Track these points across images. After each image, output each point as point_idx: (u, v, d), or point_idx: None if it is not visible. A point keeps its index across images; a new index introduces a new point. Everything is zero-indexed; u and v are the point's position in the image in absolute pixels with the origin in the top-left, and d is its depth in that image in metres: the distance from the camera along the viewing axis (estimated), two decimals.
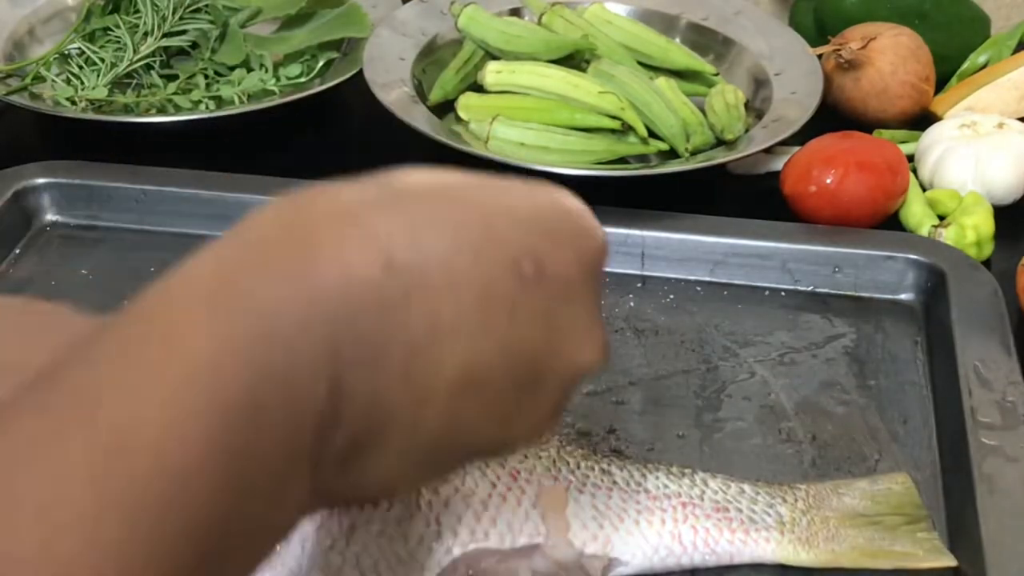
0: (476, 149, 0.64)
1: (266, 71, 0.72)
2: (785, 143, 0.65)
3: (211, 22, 0.73)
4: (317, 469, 0.25)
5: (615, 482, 0.43)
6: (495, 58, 0.71)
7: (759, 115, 0.69)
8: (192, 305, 0.24)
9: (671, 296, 0.58)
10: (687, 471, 0.45)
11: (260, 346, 0.24)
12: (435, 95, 0.70)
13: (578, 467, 0.43)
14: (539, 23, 0.73)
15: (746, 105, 0.70)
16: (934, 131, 0.68)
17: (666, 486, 0.44)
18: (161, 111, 0.69)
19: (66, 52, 0.72)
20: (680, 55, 0.73)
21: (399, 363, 0.25)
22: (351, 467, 0.27)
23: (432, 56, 0.73)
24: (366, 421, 0.26)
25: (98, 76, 0.70)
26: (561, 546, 0.42)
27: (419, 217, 0.26)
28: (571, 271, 0.29)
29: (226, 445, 0.23)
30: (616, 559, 0.42)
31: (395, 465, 0.27)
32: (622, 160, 0.68)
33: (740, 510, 0.44)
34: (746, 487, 0.45)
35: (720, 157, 0.65)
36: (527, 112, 0.67)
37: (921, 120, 0.72)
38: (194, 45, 0.73)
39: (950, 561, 0.43)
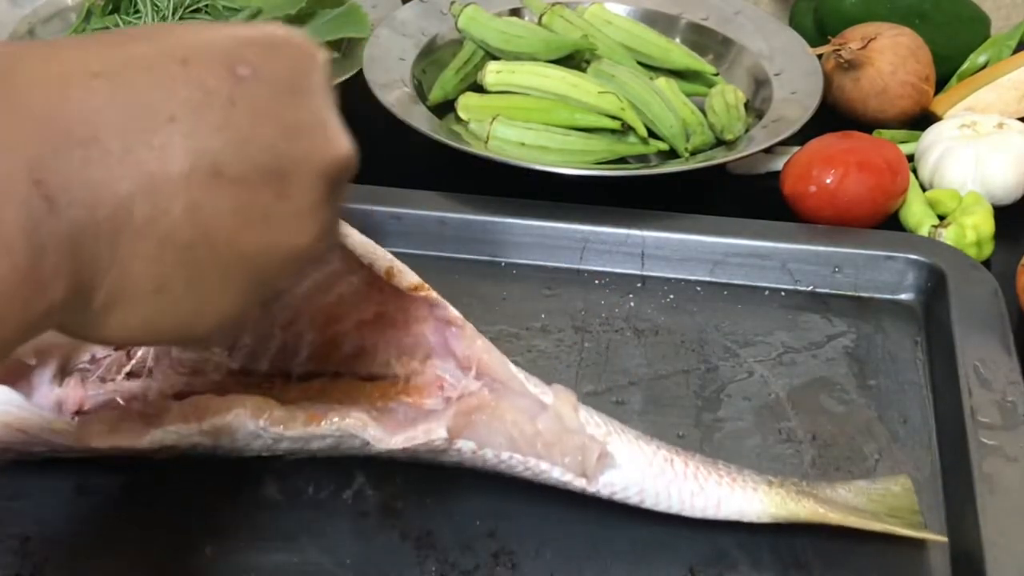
0: (476, 149, 0.64)
1: None
2: (785, 143, 0.65)
3: None
4: (43, 250, 0.25)
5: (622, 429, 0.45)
6: (495, 58, 0.71)
7: (759, 115, 0.69)
8: None
9: (671, 296, 0.58)
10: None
11: None
12: (435, 95, 0.70)
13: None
14: (539, 23, 0.73)
15: (746, 105, 0.70)
16: (934, 131, 0.68)
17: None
18: None
19: None
20: (680, 55, 0.73)
21: (116, 153, 0.26)
22: (100, 263, 0.27)
23: (432, 56, 0.73)
24: (91, 210, 0.26)
25: None
26: (568, 412, 0.43)
27: (121, 38, 0.28)
28: (288, 74, 0.30)
29: None
30: (612, 454, 0.44)
31: (154, 274, 0.28)
32: (622, 160, 0.68)
33: (730, 469, 0.45)
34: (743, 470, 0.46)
35: (720, 157, 0.65)
36: (527, 112, 0.67)
37: (921, 120, 0.72)
38: None
39: (940, 537, 0.44)
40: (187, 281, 0.29)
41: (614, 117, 0.67)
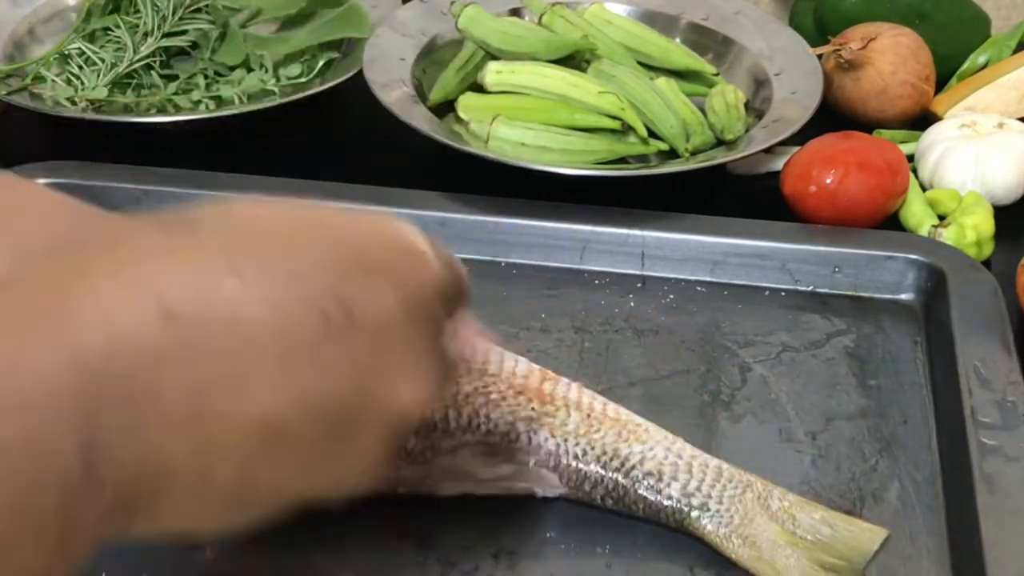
0: (476, 149, 0.64)
1: (266, 71, 0.72)
2: (785, 143, 0.65)
3: (211, 22, 0.73)
4: (76, 526, 0.23)
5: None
6: (495, 58, 0.71)
7: (759, 115, 0.69)
8: None
9: (671, 296, 0.58)
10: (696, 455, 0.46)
11: None
12: (435, 95, 0.70)
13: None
14: (539, 23, 0.73)
15: (746, 105, 0.70)
16: (934, 131, 0.68)
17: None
18: (161, 111, 0.69)
19: (66, 52, 0.72)
20: (680, 55, 0.73)
21: (177, 416, 0.24)
22: (134, 518, 0.24)
23: (432, 56, 0.73)
24: (136, 477, 0.24)
25: (98, 76, 0.70)
26: None
27: (208, 263, 0.25)
28: (390, 310, 0.27)
29: None
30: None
31: (190, 514, 0.26)
32: (622, 160, 0.68)
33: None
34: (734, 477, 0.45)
35: (720, 157, 0.65)
36: (527, 112, 0.67)
37: (921, 120, 0.72)
38: (194, 45, 0.73)
39: None
40: (225, 510, 0.26)
41: (614, 117, 0.67)
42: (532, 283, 0.59)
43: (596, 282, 0.59)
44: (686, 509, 0.44)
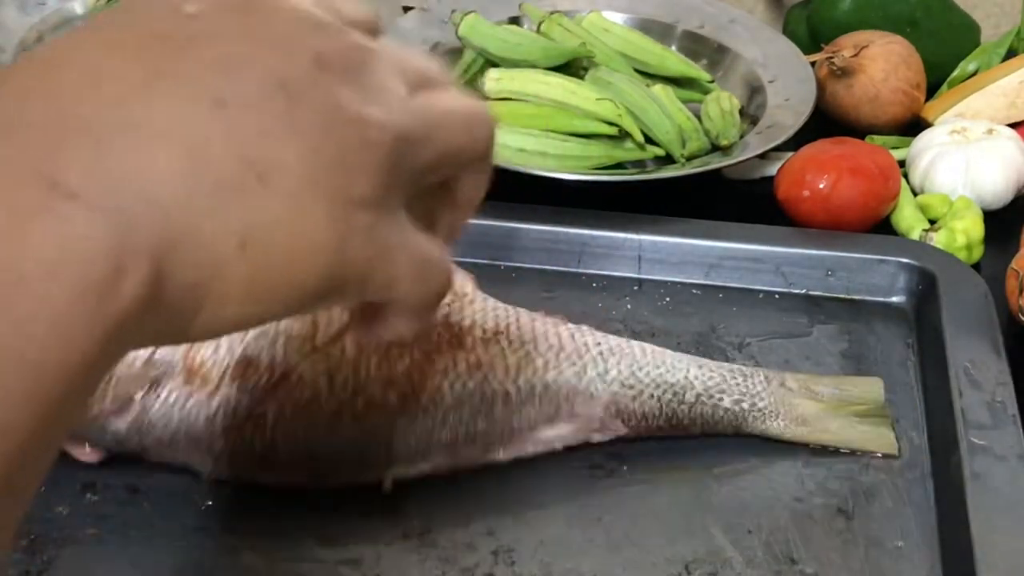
0: None
1: None
2: (779, 149, 0.66)
3: None
4: (104, 282, 0.23)
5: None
6: (495, 65, 0.72)
7: (754, 121, 0.70)
8: None
9: (667, 299, 0.59)
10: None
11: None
12: None
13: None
14: (538, 31, 0.74)
15: (741, 111, 0.71)
16: (925, 137, 0.69)
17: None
18: None
19: None
20: (676, 62, 0.74)
21: (109, 130, 0.24)
22: (170, 256, 0.24)
23: None
24: (121, 189, 0.24)
25: None
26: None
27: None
28: None
29: None
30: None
31: (226, 228, 0.25)
32: (619, 165, 0.69)
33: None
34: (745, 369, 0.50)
35: (715, 162, 0.66)
36: (526, 118, 0.68)
37: (912, 126, 0.73)
38: None
39: (892, 450, 0.49)
40: (265, 223, 0.26)
41: (611, 123, 0.68)
42: (531, 286, 0.59)
43: (593, 285, 0.60)
44: (741, 415, 0.48)
